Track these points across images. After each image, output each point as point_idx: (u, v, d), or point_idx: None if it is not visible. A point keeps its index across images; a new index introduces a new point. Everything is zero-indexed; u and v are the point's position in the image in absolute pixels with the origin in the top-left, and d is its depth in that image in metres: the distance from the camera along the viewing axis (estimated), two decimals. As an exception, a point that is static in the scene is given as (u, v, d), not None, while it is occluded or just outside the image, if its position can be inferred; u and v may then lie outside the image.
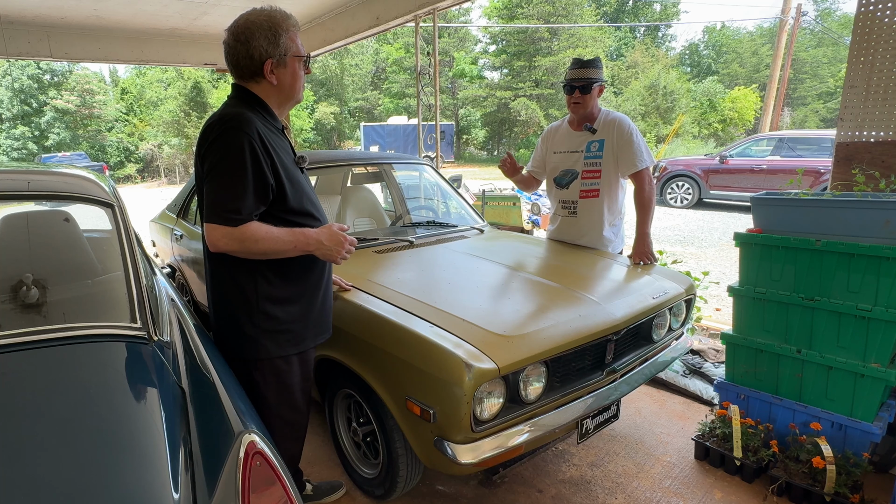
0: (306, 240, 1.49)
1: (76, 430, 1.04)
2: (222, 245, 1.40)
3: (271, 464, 1.06)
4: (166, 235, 3.78)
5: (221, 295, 1.58)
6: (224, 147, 1.39)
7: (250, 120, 1.41)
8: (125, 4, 5.44)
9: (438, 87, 4.97)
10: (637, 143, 2.51)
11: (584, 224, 2.69)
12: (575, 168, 2.66)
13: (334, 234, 1.53)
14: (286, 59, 1.49)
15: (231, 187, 1.38)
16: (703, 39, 37.26)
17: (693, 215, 9.48)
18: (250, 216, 1.41)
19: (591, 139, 2.60)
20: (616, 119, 2.56)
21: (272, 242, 1.43)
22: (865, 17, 2.28)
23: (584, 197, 2.65)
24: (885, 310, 1.89)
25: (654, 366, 2.13)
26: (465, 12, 34.17)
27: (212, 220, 1.40)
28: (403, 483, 1.89)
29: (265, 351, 1.57)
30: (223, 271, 1.54)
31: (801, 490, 1.98)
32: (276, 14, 1.47)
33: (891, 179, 2.20)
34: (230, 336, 1.58)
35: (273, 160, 1.44)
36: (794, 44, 17.24)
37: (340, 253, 1.54)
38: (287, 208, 1.50)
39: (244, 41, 1.45)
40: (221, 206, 1.38)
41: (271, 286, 1.53)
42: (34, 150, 27.53)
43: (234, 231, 1.39)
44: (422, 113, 5.30)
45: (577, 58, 2.57)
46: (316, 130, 31.23)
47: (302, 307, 1.60)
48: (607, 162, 2.56)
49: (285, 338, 1.58)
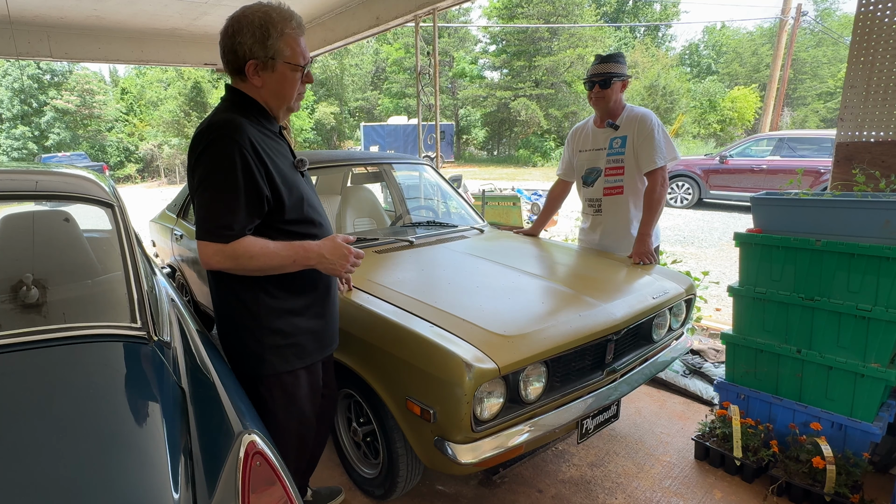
0: (306, 254, 1.40)
1: (76, 431, 1.04)
2: (215, 263, 1.33)
3: (271, 464, 1.06)
4: (166, 235, 3.78)
5: (224, 310, 1.51)
6: (213, 158, 1.30)
7: (240, 126, 1.32)
8: (125, 4, 5.44)
9: (438, 87, 4.97)
10: (658, 140, 2.47)
11: (610, 221, 2.66)
12: (599, 165, 2.65)
13: (338, 247, 1.44)
14: (275, 63, 1.37)
15: (222, 202, 1.30)
16: (703, 39, 37.27)
17: (693, 215, 9.48)
18: (243, 231, 1.32)
19: (614, 135, 2.57)
20: (639, 115, 2.52)
21: (268, 258, 1.34)
22: (865, 17, 2.28)
23: (608, 194, 2.63)
24: (885, 310, 1.89)
25: (654, 366, 2.13)
26: (465, 12, 34.17)
27: (203, 237, 1.32)
28: (403, 483, 1.89)
29: (271, 367, 1.49)
30: (224, 286, 1.47)
31: (801, 490, 1.98)
32: (275, 12, 1.35)
33: (891, 179, 2.20)
34: (235, 352, 1.52)
35: (268, 168, 1.35)
36: (794, 44, 17.23)
37: (345, 267, 1.45)
38: (286, 219, 1.42)
39: (231, 35, 1.35)
40: (212, 223, 1.30)
41: (275, 299, 1.46)
42: (34, 150, 27.52)
43: (226, 248, 1.30)
44: (422, 113, 5.30)
45: (598, 54, 2.56)
46: (316, 130, 31.24)
47: (309, 319, 1.53)
48: (629, 158, 2.54)
49: (291, 352, 1.51)
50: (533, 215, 6.95)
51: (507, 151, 31.04)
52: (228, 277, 1.42)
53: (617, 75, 2.48)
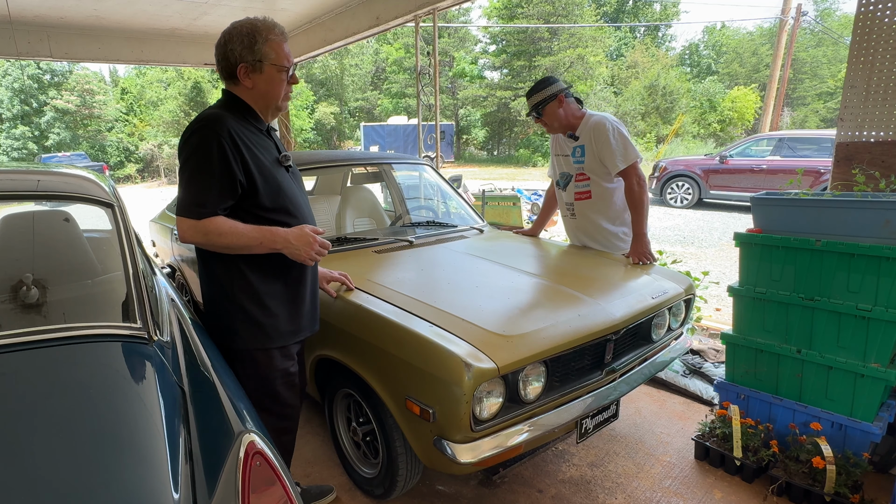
0: (272, 237, 1.53)
1: (76, 431, 1.04)
2: (188, 237, 1.49)
3: (271, 464, 1.06)
4: (166, 235, 3.78)
5: (206, 287, 1.68)
6: (194, 145, 1.48)
7: (221, 118, 1.48)
8: (125, 4, 5.45)
9: (438, 87, 4.97)
10: (614, 144, 2.49)
11: (584, 225, 2.72)
12: (569, 171, 2.71)
13: (304, 235, 1.57)
14: (263, 65, 1.53)
15: (198, 182, 1.47)
16: (703, 39, 37.26)
17: (693, 215, 9.47)
18: (215, 210, 1.47)
19: (575, 145, 2.63)
20: (594, 123, 2.54)
21: (236, 237, 1.49)
22: (865, 17, 2.28)
23: (579, 199, 2.70)
24: (885, 310, 1.89)
25: (653, 366, 2.13)
26: (465, 12, 34.18)
27: (180, 213, 1.49)
28: (403, 482, 1.89)
29: (242, 341, 1.63)
30: (207, 265, 1.64)
31: (801, 490, 1.98)
32: (260, 23, 1.54)
33: (891, 179, 2.20)
34: (213, 324, 1.68)
35: (244, 156, 1.49)
36: (794, 44, 17.24)
37: (309, 253, 1.57)
38: (259, 204, 1.54)
39: (223, 44, 1.53)
40: (189, 200, 1.47)
41: (246, 281, 1.59)
42: (34, 150, 27.51)
43: (198, 224, 1.46)
44: (422, 113, 5.30)
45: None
46: (316, 130, 31.22)
47: (280, 303, 1.64)
48: (590, 166, 2.59)
49: (262, 332, 1.62)
50: (533, 215, 6.96)
51: (507, 151, 31.04)
52: (211, 258, 1.59)
53: (543, 102, 2.51)
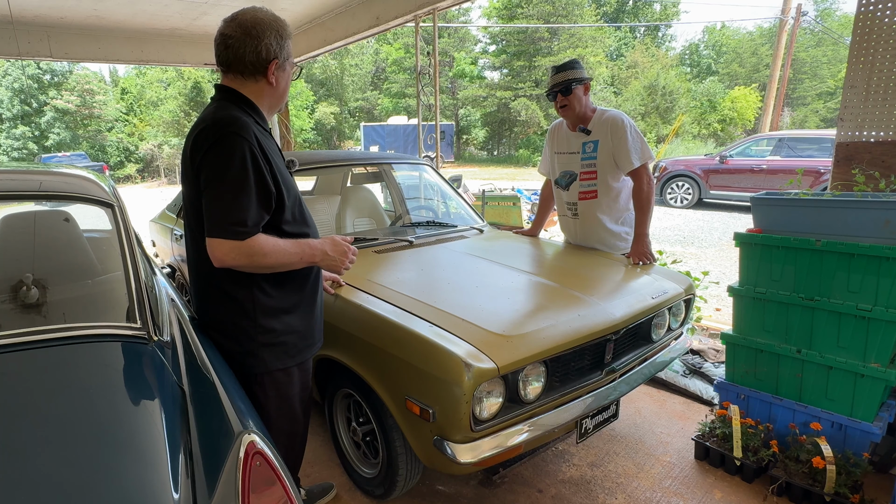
0: (311, 251, 1.45)
1: (76, 431, 1.04)
2: (229, 261, 1.32)
3: (271, 464, 1.06)
4: (166, 235, 3.78)
5: (216, 310, 1.51)
6: (223, 155, 1.30)
7: (247, 124, 1.34)
8: (125, 4, 5.45)
9: (438, 87, 4.97)
10: (631, 141, 2.48)
11: (587, 225, 2.69)
12: (574, 170, 2.66)
13: (339, 244, 1.52)
14: (286, 63, 1.45)
15: (234, 198, 1.30)
16: (703, 39, 37.25)
17: (693, 215, 9.47)
18: (256, 228, 1.33)
19: (586, 140, 2.58)
20: (610, 118, 2.52)
21: (280, 255, 1.37)
22: (865, 17, 2.28)
23: (583, 199, 2.65)
24: (885, 310, 1.89)
25: (653, 366, 2.13)
26: (465, 12, 34.14)
27: (216, 235, 1.30)
28: (403, 482, 1.89)
29: (263, 364, 1.51)
30: (214, 286, 1.46)
31: (801, 490, 1.98)
32: (279, 18, 1.42)
33: (891, 179, 2.20)
34: (229, 351, 1.51)
35: (272, 166, 1.38)
36: (794, 44, 17.23)
37: (345, 263, 1.53)
38: (284, 217, 1.44)
39: (256, 35, 1.36)
40: (226, 220, 1.29)
41: (269, 298, 1.47)
42: (34, 150, 27.50)
43: (241, 245, 1.30)
44: (422, 113, 5.30)
45: (553, 65, 2.56)
46: (316, 130, 31.22)
47: (299, 317, 1.56)
48: (602, 163, 2.55)
49: (283, 349, 1.53)
50: (533, 215, 6.94)
51: (507, 151, 31.03)
52: (220, 277, 1.42)
53: (576, 80, 2.47)
